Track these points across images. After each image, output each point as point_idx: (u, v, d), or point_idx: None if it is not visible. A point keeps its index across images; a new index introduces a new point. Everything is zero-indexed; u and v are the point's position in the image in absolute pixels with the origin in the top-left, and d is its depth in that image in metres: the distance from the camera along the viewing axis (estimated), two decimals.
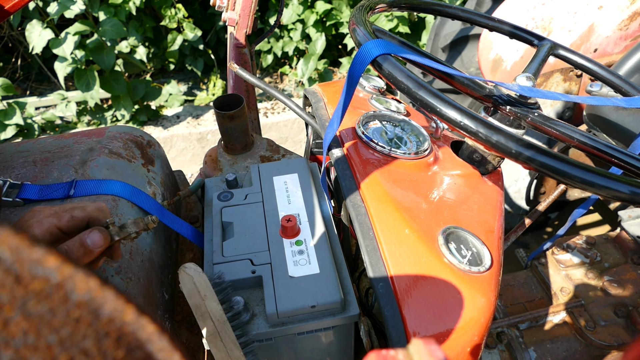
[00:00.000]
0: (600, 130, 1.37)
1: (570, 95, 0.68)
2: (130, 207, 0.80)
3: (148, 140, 1.00)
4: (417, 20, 3.11)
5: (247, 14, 1.30)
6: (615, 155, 0.63)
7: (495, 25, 0.91)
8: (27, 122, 2.85)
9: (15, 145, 0.90)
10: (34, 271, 0.17)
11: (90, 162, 0.84)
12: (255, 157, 1.07)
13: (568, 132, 0.68)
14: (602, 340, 1.07)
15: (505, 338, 1.11)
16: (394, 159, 0.77)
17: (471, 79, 0.75)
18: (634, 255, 1.24)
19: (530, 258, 1.31)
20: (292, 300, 0.65)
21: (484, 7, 2.12)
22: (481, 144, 0.56)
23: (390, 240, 0.65)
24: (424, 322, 0.59)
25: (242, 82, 1.41)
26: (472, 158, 0.79)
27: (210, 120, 3.09)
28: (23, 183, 0.77)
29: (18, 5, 0.96)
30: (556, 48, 0.87)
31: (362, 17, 0.71)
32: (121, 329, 0.18)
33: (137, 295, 0.70)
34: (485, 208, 0.74)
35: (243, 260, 0.71)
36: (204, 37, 3.39)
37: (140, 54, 3.07)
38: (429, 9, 0.89)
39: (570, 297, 1.17)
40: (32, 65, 3.37)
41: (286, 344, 0.69)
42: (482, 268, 0.63)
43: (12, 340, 0.16)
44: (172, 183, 1.03)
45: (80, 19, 2.77)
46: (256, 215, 0.79)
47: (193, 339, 0.81)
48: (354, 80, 0.64)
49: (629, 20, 1.56)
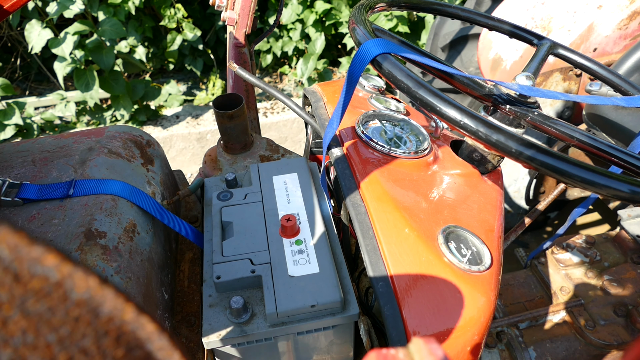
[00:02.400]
0: (599, 129, 1.37)
1: (569, 95, 0.68)
2: (130, 206, 0.80)
3: (147, 140, 1.00)
4: (417, 19, 3.11)
5: (246, 14, 1.29)
6: (615, 154, 0.63)
7: (495, 24, 0.91)
8: (27, 122, 2.85)
9: (15, 145, 0.90)
10: (33, 270, 0.17)
11: (90, 162, 0.84)
12: (254, 157, 1.07)
13: (568, 131, 0.67)
14: (601, 340, 1.07)
15: (505, 337, 1.11)
16: (393, 158, 0.77)
17: (471, 78, 0.75)
18: (634, 254, 1.24)
19: (530, 257, 1.31)
20: (291, 300, 0.65)
21: (483, 6, 2.12)
22: (481, 143, 0.56)
23: (390, 239, 0.65)
24: (424, 321, 0.59)
25: (242, 82, 1.40)
26: (472, 157, 0.79)
27: (209, 120, 3.09)
28: (22, 183, 0.77)
29: (17, 5, 0.95)
30: (556, 47, 0.87)
31: (361, 17, 0.71)
32: (121, 327, 0.18)
33: (136, 295, 0.70)
34: (485, 207, 0.74)
35: (243, 260, 0.71)
36: (204, 37, 3.39)
37: (139, 54, 3.07)
38: (429, 8, 0.89)
39: (570, 296, 1.17)
40: (32, 65, 3.37)
41: (286, 343, 0.69)
42: (482, 267, 0.63)
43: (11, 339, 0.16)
44: (172, 183, 1.03)
45: (80, 19, 2.77)
46: (256, 214, 0.79)
47: (193, 338, 0.81)
48: (353, 80, 0.64)
49: (629, 19, 1.56)
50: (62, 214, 0.74)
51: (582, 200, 1.47)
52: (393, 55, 0.63)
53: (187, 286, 0.88)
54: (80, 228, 0.71)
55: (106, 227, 0.73)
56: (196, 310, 0.83)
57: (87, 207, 0.75)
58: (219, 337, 0.64)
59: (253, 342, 0.66)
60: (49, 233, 0.71)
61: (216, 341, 0.64)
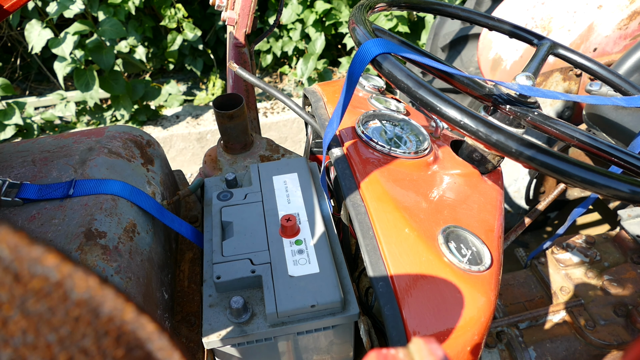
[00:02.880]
0: (599, 129, 1.37)
1: (570, 95, 0.68)
2: (130, 206, 0.80)
3: (147, 140, 1.00)
4: (417, 19, 3.11)
5: (246, 13, 1.29)
6: (615, 154, 0.63)
7: (495, 24, 0.91)
8: (27, 122, 2.85)
9: (15, 145, 0.90)
10: (33, 269, 0.17)
11: (90, 162, 0.84)
12: (254, 157, 1.07)
13: (568, 131, 0.67)
14: (601, 340, 1.07)
15: (505, 337, 1.11)
16: (393, 158, 0.77)
17: (471, 78, 0.75)
18: (634, 254, 1.24)
19: (530, 257, 1.31)
20: (291, 300, 0.65)
21: (483, 6, 2.12)
22: (481, 143, 0.56)
23: (390, 239, 0.65)
24: (424, 321, 0.59)
25: (242, 82, 1.40)
26: (472, 157, 0.79)
27: (209, 120, 3.09)
28: (22, 182, 0.77)
29: (17, 5, 0.95)
30: (556, 47, 0.87)
31: (361, 17, 0.71)
32: (121, 327, 0.18)
33: (136, 295, 0.70)
34: (485, 207, 0.74)
35: (243, 260, 0.71)
36: (204, 37, 3.39)
37: (139, 54, 3.07)
38: (429, 8, 0.89)
39: (570, 296, 1.17)
40: (32, 65, 3.37)
41: (286, 343, 0.69)
42: (482, 267, 0.63)
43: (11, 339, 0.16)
44: (172, 183, 1.03)
45: (80, 19, 2.77)
46: (256, 214, 0.79)
47: (193, 338, 0.81)
48: (353, 80, 0.64)
49: (629, 19, 1.56)
50: (62, 214, 0.74)
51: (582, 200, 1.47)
52: (393, 55, 0.63)
53: (187, 286, 0.88)
54: (80, 228, 0.71)
55: (106, 227, 0.73)
56: (196, 310, 0.83)
57: (87, 207, 0.75)
58: (219, 337, 0.64)
59: (253, 342, 0.66)
60: (49, 233, 0.71)
61: (216, 341, 0.64)
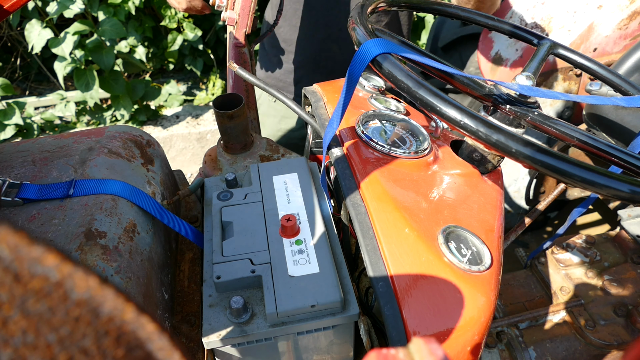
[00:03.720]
0: (599, 129, 1.37)
1: (570, 95, 0.68)
2: (130, 206, 0.80)
3: (147, 140, 1.00)
4: (417, 19, 3.11)
5: (246, 13, 1.29)
6: (615, 154, 0.64)
7: (495, 24, 0.91)
8: (27, 122, 2.85)
9: (15, 145, 0.90)
10: (33, 269, 0.17)
11: (90, 162, 0.84)
12: (254, 157, 1.07)
13: (568, 131, 0.67)
14: (601, 340, 1.07)
15: (505, 337, 1.11)
16: (393, 158, 0.77)
17: (471, 78, 0.75)
18: (634, 254, 1.24)
19: (530, 257, 1.31)
20: (291, 300, 0.65)
21: None
22: (481, 143, 0.56)
23: (390, 239, 0.65)
24: (424, 321, 0.59)
25: (242, 82, 1.40)
26: (472, 157, 0.79)
27: (209, 120, 3.09)
28: (22, 182, 0.77)
29: (17, 5, 0.95)
30: (556, 47, 0.87)
31: (361, 17, 0.71)
32: (121, 327, 0.18)
33: (136, 295, 0.70)
34: (485, 207, 0.74)
35: (242, 260, 0.71)
36: (204, 37, 3.39)
37: (139, 54, 3.07)
38: (429, 8, 0.89)
39: (570, 296, 1.17)
40: (32, 65, 3.37)
41: (286, 343, 0.69)
42: (482, 267, 0.63)
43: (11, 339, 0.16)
44: (172, 183, 1.03)
45: (80, 19, 2.77)
46: (256, 214, 0.79)
47: (193, 338, 0.81)
48: (353, 80, 0.64)
49: (629, 19, 1.56)
50: (62, 214, 0.74)
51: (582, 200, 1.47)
52: (393, 55, 0.63)
53: (187, 286, 0.88)
54: (80, 228, 0.71)
55: (106, 227, 0.73)
56: (196, 310, 0.83)
57: (87, 207, 0.75)
58: (219, 337, 0.64)
59: (253, 342, 0.66)
60: (49, 233, 0.71)
61: (216, 341, 0.64)
